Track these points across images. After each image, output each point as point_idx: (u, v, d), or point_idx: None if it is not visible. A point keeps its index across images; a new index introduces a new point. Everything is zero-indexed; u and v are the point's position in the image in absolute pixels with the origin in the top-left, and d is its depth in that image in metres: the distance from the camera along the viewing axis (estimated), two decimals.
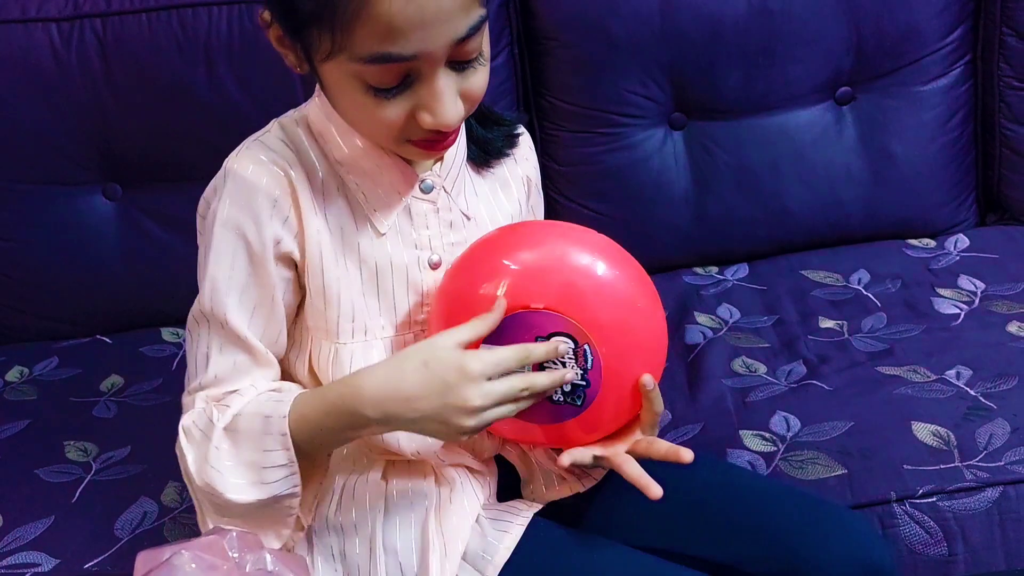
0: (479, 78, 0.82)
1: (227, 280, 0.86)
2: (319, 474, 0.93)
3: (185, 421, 0.88)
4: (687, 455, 0.88)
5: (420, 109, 0.80)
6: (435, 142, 0.84)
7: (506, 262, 0.87)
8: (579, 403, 0.89)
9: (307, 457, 0.86)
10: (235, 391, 0.88)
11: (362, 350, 0.90)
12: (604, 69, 1.50)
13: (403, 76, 0.78)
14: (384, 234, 0.91)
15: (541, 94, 1.55)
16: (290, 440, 0.84)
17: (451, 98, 0.80)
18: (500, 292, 0.85)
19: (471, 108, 0.84)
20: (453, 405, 0.81)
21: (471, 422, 0.82)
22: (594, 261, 0.87)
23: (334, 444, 0.89)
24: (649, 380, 0.88)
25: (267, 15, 0.82)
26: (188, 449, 0.86)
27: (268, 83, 1.45)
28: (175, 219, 1.51)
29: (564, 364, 0.87)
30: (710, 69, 1.50)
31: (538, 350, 0.85)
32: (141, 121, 1.47)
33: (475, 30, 0.78)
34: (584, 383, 0.87)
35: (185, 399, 0.90)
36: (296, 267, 0.89)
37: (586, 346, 0.86)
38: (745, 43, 1.49)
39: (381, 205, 0.90)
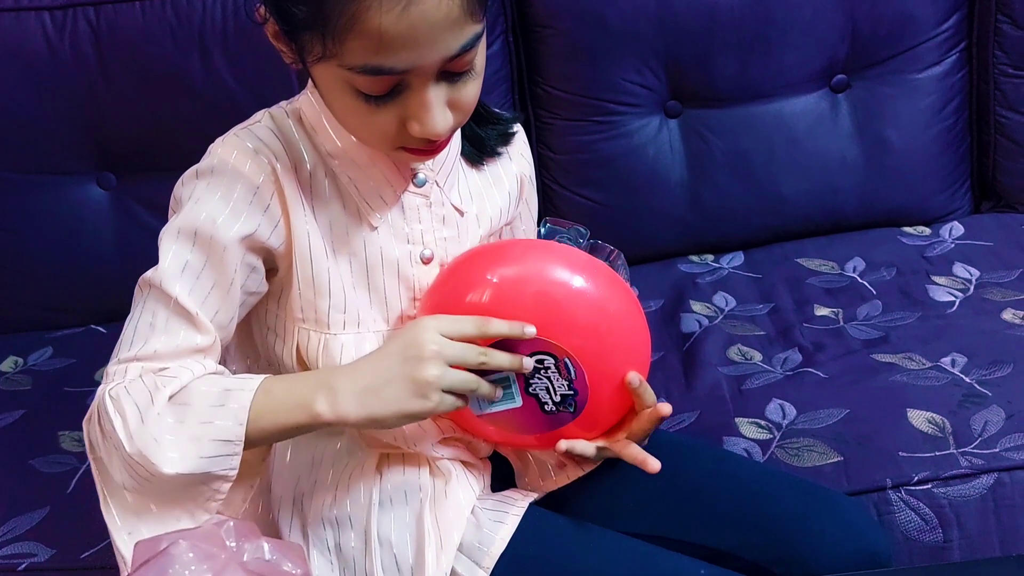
0: (470, 89, 0.82)
1: (186, 258, 0.84)
2: (250, 476, 0.87)
3: (112, 390, 0.80)
4: (665, 408, 0.89)
5: (409, 118, 0.80)
6: (427, 151, 0.85)
7: (488, 276, 0.87)
8: (572, 410, 0.90)
9: (251, 443, 0.81)
10: (172, 367, 0.83)
11: (354, 342, 0.90)
12: (599, 57, 1.49)
13: (393, 85, 0.78)
14: (376, 228, 0.90)
15: (536, 82, 1.54)
16: (247, 415, 0.79)
17: (440, 109, 0.80)
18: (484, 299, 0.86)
19: (462, 118, 0.84)
20: (412, 356, 0.81)
21: (434, 370, 0.80)
22: (559, 275, 0.87)
23: (282, 429, 0.82)
24: (635, 378, 0.88)
25: (263, 11, 0.81)
26: (116, 417, 0.79)
27: (263, 71, 1.44)
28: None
29: (551, 379, 0.88)
30: (706, 57, 1.50)
31: (499, 325, 0.84)
32: (135, 110, 1.47)
33: (468, 47, 0.78)
34: (572, 392, 0.88)
35: (113, 367, 0.83)
36: (271, 256, 0.88)
37: (566, 359, 0.87)
38: (741, 31, 1.48)
39: (374, 198, 0.90)
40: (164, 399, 0.79)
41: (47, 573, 1.10)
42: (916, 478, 1.08)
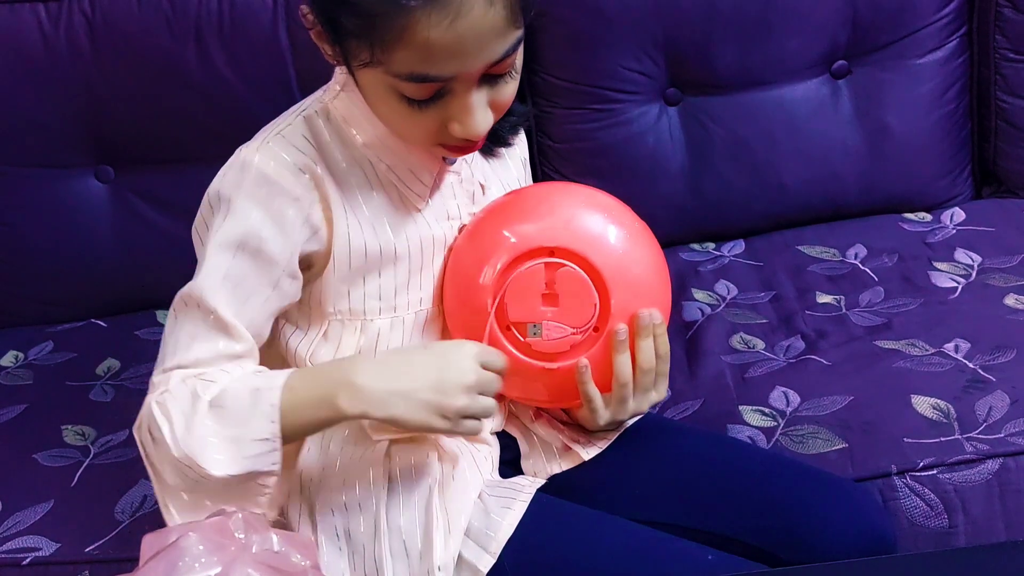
0: (509, 89, 0.85)
1: (228, 272, 0.86)
2: (287, 468, 0.90)
3: (158, 397, 0.84)
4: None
5: (451, 120, 0.83)
6: (465, 148, 0.88)
7: (506, 233, 0.91)
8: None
9: (288, 438, 0.84)
10: (211, 371, 0.86)
11: (389, 325, 0.93)
12: (598, 45, 1.49)
13: (437, 90, 0.81)
14: (421, 210, 0.93)
15: (534, 70, 1.54)
16: (278, 413, 0.83)
17: (481, 111, 0.83)
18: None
19: (499, 115, 0.86)
20: (450, 381, 0.83)
21: (465, 400, 0.83)
22: (594, 202, 0.97)
23: (311, 424, 0.86)
24: (656, 314, 0.92)
25: (311, 16, 0.83)
26: (163, 423, 0.83)
27: (259, 61, 1.44)
28: (168, 201, 1.50)
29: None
30: (705, 43, 1.49)
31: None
32: (132, 102, 1.46)
33: (511, 52, 0.81)
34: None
35: (157, 377, 0.87)
36: (309, 259, 0.90)
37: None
38: (740, 17, 1.48)
39: (414, 182, 0.92)
40: (205, 405, 0.83)
41: (52, 567, 1.09)
42: (921, 464, 1.08)
